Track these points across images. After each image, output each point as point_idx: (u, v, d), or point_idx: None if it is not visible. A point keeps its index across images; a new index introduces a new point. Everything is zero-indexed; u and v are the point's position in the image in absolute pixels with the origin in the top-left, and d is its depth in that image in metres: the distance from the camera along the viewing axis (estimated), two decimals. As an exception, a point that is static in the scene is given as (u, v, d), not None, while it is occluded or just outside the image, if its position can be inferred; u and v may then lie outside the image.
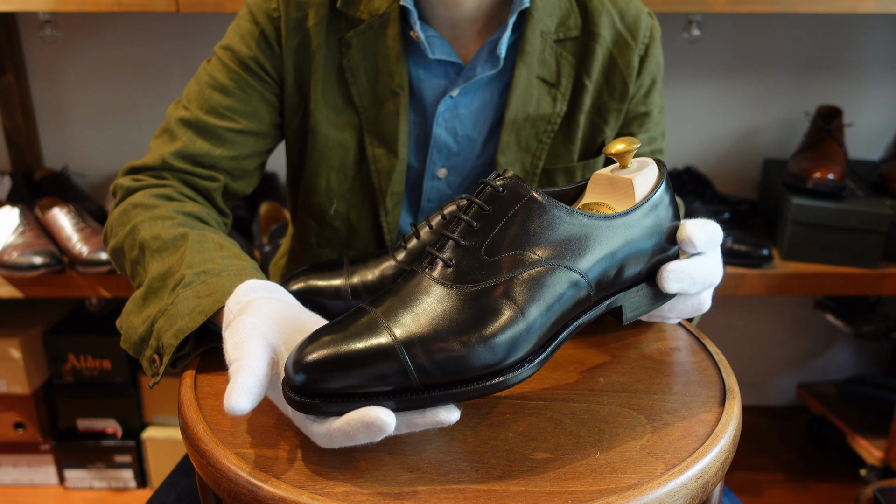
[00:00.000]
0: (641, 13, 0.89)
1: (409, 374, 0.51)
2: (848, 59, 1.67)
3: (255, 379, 0.53)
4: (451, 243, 0.57)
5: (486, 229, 0.57)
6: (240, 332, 0.57)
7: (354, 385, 0.51)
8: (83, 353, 1.60)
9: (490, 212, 0.57)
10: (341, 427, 0.51)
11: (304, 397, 0.51)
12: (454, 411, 0.53)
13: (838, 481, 1.71)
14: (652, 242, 0.63)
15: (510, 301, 0.55)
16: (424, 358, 0.52)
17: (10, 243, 1.41)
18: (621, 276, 0.61)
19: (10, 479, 1.68)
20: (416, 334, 0.52)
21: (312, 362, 0.51)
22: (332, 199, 0.90)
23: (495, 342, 0.53)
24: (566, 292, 0.57)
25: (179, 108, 0.85)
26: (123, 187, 0.82)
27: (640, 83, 0.90)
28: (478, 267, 0.56)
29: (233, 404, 0.51)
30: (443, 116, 0.87)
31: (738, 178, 1.76)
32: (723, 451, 0.58)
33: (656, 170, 0.65)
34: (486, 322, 0.54)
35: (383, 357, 0.51)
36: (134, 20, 1.61)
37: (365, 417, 0.50)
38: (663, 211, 0.63)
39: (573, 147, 0.90)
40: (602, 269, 0.59)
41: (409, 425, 0.54)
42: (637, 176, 0.63)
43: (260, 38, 0.85)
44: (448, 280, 0.55)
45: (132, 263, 0.75)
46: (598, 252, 0.59)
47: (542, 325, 0.56)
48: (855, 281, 1.48)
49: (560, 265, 0.57)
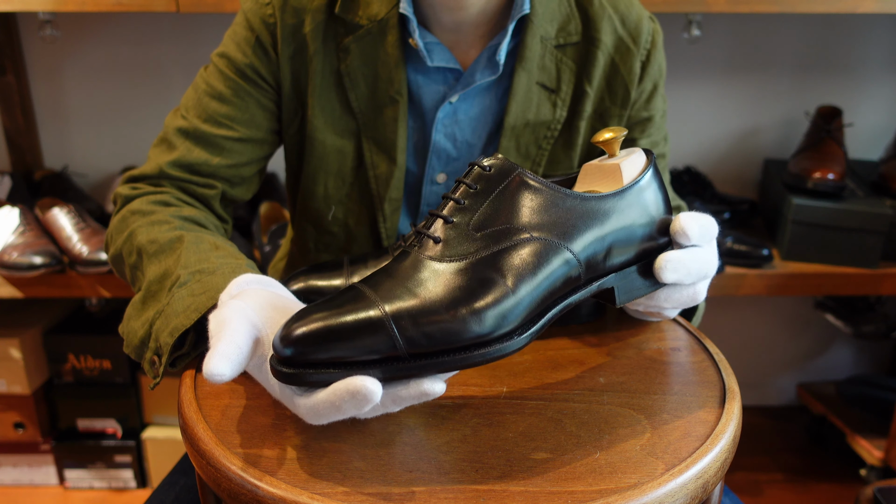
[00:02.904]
0: (643, 18, 0.89)
1: (396, 344, 0.52)
2: (848, 59, 1.67)
3: (235, 346, 0.53)
4: (440, 221, 0.58)
5: (473, 206, 0.58)
6: (223, 312, 0.57)
7: (342, 356, 0.51)
8: (83, 353, 1.60)
9: (477, 189, 0.58)
10: (327, 398, 0.51)
11: (292, 369, 0.52)
12: (438, 382, 0.53)
13: (838, 481, 1.71)
14: (642, 226, 0.63)
15: (498, 273, 0.55)
16: (412, 327, 0.52)
17: (10, 243, 1.41)
18: (611, 258, 0.62)
19: (10, 479, 1.68)
20: (405, 305, 0.53)
21: (301, 334, 0.51)
22: (329, 205, 0.90)
23: (483, 313, 0.54)
24: (555, 267, 0.58)
25: (177, 118, 0.85)
26: (122, 196, 0.82)
27: (642, 88, 0.90)
28: (466, 242, 0.56)
29: (212, 369, 0.52)
30: (442, 122, 0.87)
31: (738, 178, 1.76)
32: (723, 451, 0.58)
33: (644, 157, 0.66)
34: (475, 293, 0.54)
35: (371, 327, 0.51)
36: (134, 20, 1.61)
37: (350, 386, 0.50)
38: (651, 195, 0.64)
39: (573, 153, 0.90)
40: (591, 249, 0.60)
41: (395, 399, 0.54)
42: (624, 161, 0.64)
43: (256, 44, 0.85)
44: (437, 256, 0.56)
45: (131, 269, 0.75)
46: (586, 231, 0.59)
47: (531, 297, 0.56)
48: (855, 281, 1.48)
49: (548, 239, 0.58)
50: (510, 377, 0.67)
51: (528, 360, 0.71)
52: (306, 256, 0.95)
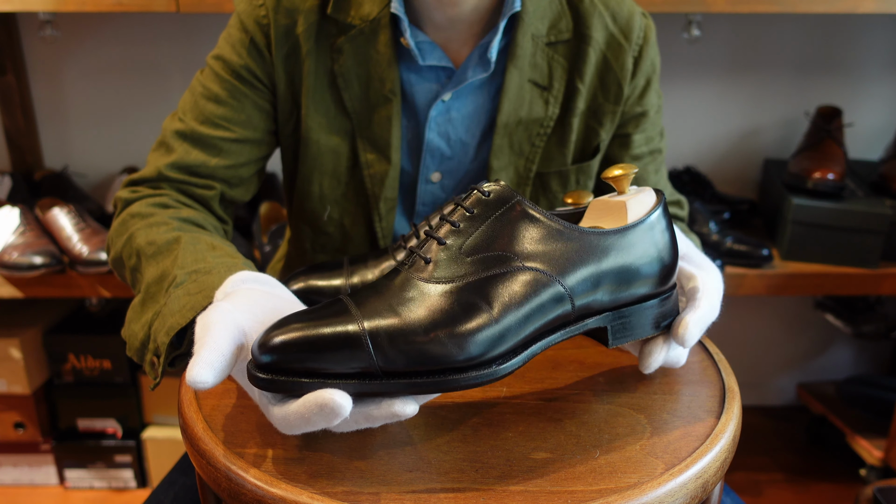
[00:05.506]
0: (634, 14, 0.89)
1: (371, 361, 0.51)
2: (848, 59, 1.67)
3: (218, 354, 0.53)
4: (434, 242, 0.57)
5: (467, 230, 0.57)
6: (209, 315, 0.57)
7: (317, 367, 0.51)
8: (83, 352, 1.60)
9: (474, 214, 0.57)
10: (298, 409, 0.51)
11: (266, 375, 0.51)
12: (411, 404, 0.52)
13: (838, 481, 1.71)
14: (643, 267, 0.61)
15: (483, 300, 0.54)
16: (388, 346, 0.51)
17: (10, 243, 1.41)
18: (607, 297, 0.60)
19: (10, 479, 1.68)
20: (384, 322, 0.52)
21: (278, 342, 0.51)
22: (325, 206, 0.90)
23: (462, 339, 0.53)
24: (544, 300, 0.56)
25: (175, 121, 0.86)
26: (122, 199, 0.83)
27: (635, 84, 0.90)
28: (455, 265, 0.56)
29: (194, 376, 0.52)
30: (435, 121, 0.87)
31: (738, 178, 1.76)
32: (722, 450, 0.58)
33: (654, 196, 0.64)
34: (456, 318, 0.53)
35: (348, 341, 0.51)
36: (134, 20, 1.61)
37: (319, 399, 0.50)
38: (657, 236, 0.62)
39: (567, 150, 0.90)
40: (585, 285, 0.58)
41: (367, 418, 0.53)
42: (631, 199, 0.62)
43: (250, 45, 0.85)
44: (425, 277, 0.55)
45: (131, 271, 0.76)
46: (581, 266, 0.58)
47: (515, 328, 0.55)
48: (855, 281, 1.48)
49: (540, 271, 0.56)
50: (510, 377, 0.68)
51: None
52: (303, 257, 0.95)
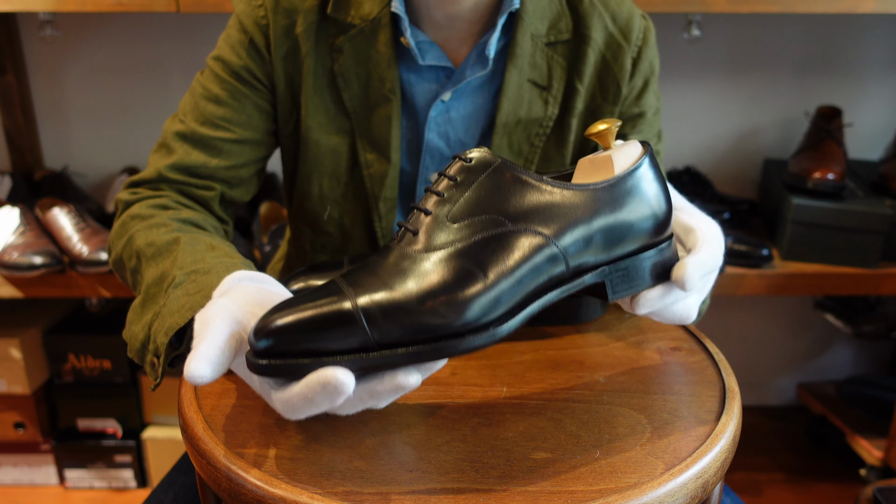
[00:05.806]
0: (634, 15, 0.89)
1: (366, 335, 0.51)
2: (848, 59, 1.67)
3: (216, 348, 0.53)
4: (420, 214, 0.57)
5: (453, 198, 0.57)
6: (207, 311, 0.57)
7: (315, 347, 0.51)
8: (83, 352, 1.60)
9: (458, 181, 0.57)
10: (301, 391, 0.51)
11: (266, 360, 0.51)
12: (413, 374, 0.52)
13: (838, 481, 1.71)
14: (637, 220, 0.60)
15: (474, 264, 0.54)
16: (382, 319, 0.51)
17: (10, 243, 1.41)
18: (601, 252, 0.59)
19: (10, 479, 1.68)
20: (376, 297, 0.52)
21: (274, 326, 0.51)
22: (325, 206, 0.90)
23: (457, 305, 0.53)
24: (535, 258, 0.56)
25: (175, 122, 0.86)
26: (122, 201, 0.83)
27: (633, 85, 0.90)
28: (443, 233, 0.55)
29: (192, 371, 0.52)
30: (435, 121, 0.87)
31: (738, 178, 1.76)
32: (723, 450, 0.58)
33: (639, 148, 0.63)
34: (448, 285, 0.53)
35: (341, 319, 0.51)
36: (134, 20, 1.61)
37: (322, 378, 0.50)
38: (647, 186, 0.61)
39: (566, 150, 0.90)
40: (576, 241, 0.58)
41: (372, 394, 0.53)
42: (616, 153, 0.61)
43: (249, 46, 0.85)
44: (415, 248, 0.55)
45: (132, 273, 0.76)
46: (571, 222, 0.57)
47: (510, 290, 0.55)
48: (855, 281, 1.48)
49: (528, 230, 0.56)
50: (510, 377, 0.68)
51: (528, 360, 0.71)
52: (303, 257, 0.95)
